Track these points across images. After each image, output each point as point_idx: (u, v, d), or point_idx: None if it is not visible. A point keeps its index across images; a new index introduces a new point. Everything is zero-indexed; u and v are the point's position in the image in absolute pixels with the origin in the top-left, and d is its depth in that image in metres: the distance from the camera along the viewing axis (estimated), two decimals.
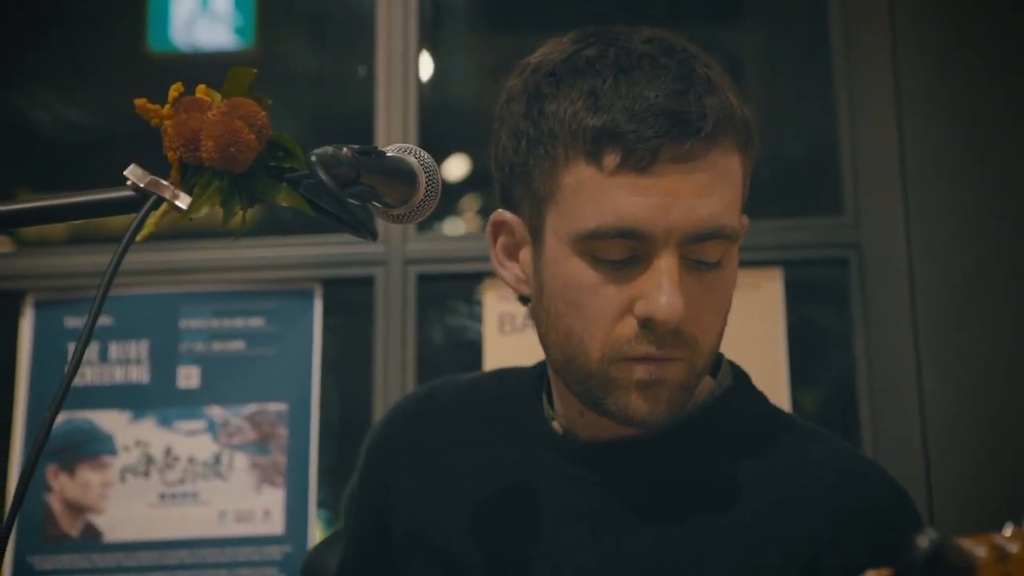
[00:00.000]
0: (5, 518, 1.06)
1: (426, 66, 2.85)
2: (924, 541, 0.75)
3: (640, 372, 1.22)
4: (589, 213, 1.21)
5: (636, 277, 1.21)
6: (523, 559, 1.31)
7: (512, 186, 1.30)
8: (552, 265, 1.26)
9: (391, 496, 1.44)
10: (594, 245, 1.21)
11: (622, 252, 1.21)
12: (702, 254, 1.22)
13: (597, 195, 1.20)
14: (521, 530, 1.32)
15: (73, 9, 3.08)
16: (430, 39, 2.90)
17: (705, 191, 1.20)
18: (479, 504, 1.36)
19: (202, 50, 3.00)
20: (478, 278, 2.63)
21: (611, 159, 1.19)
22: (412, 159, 1.17)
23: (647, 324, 1.20)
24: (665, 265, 1.19)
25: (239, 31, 3.01)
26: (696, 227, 1.20)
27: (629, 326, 1.21)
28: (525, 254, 1.31)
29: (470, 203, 2.96)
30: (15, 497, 1.04)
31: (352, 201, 1.09)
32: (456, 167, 2.95)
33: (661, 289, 1.19)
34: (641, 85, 1.20)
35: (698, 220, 1.19)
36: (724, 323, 1.28)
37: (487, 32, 3.10)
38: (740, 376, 1.38)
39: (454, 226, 2.94)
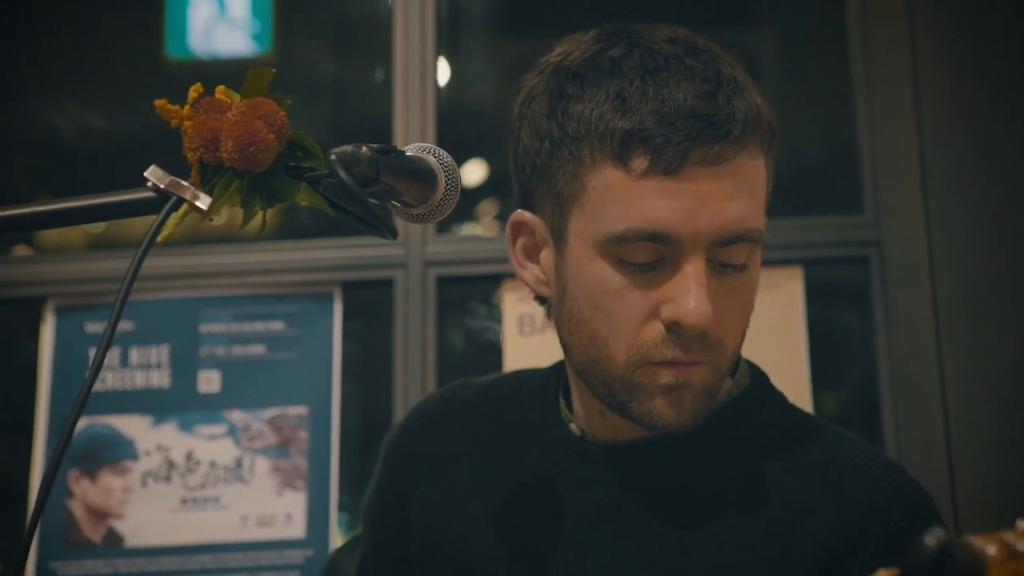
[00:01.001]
0: (27, 523, 1.06)
1: (444, 70, 2.85)
2: (931, 540, 0.74)
3: (666, 376, 1.22)
4: (616, 216, 1.20)
5: (663, 281, 1.20)
6: (541, 561, 1.30)
7: (533, 187, 1.30)
8: (576, 267, 1.25)
9: (409, 500, 1.44)
10: (620, 248, 1.21)
11: (649, 255, 1.21)
12: (729, 257, 1.22)
13: (625, 198, 1.20)
14: (538, 532, 1.32)
15: (92, 18, 3.09)
16: (447, 43, 2.90)
17: (733, 194, 1.20)
18: (496, 506, 1.36)
19: (220, 57, 3.01)
20: (497, 280, 2.63)
21: (640, 162, 1.19)
22: (431, 158, 1.17)
23: (674, 328, 1.20)
24: (693, 269, 1.19)
25: (257, 37, 3.02)
26: (724, 230, 1.19)
27: (655, 330, 1.21)
28: (546, 255, 1.31)
29: (489, 207, 2.96)
30: (37, 503, 1.04)
31: (372, 200, 1.09)
32: (474, 171, 2.94)
33: (689, 293, 1.19)
34: (669, 87, 1.20)
35: (726, 223, 1.19)
36: (746, 324, 1.28)
37: (504, 35, 3.10)
38: (758, 376, 1.37)
39: (473, 230, 2.93)
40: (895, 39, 2.65)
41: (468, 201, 2.88)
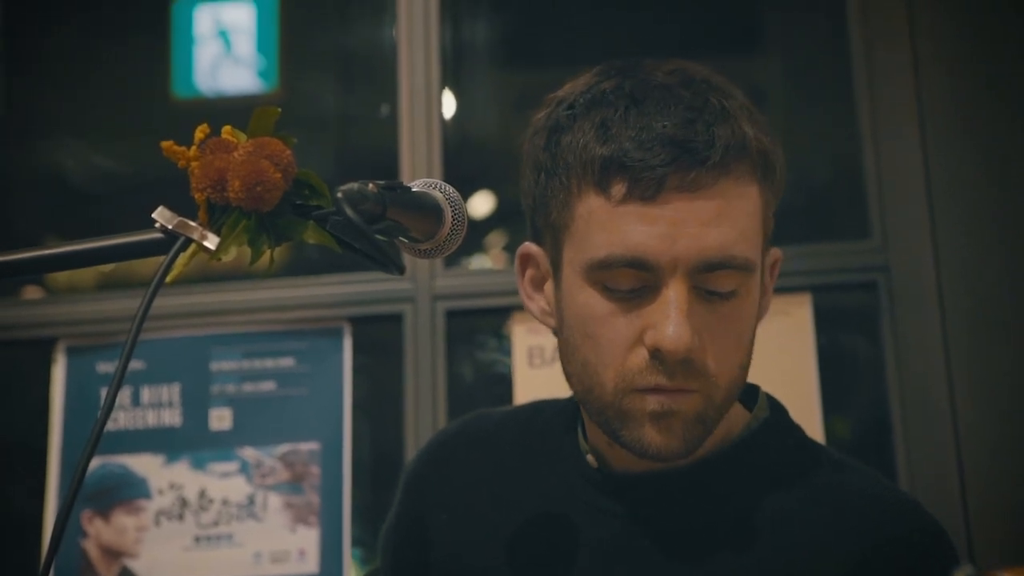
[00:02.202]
0: (42, 563, 1.06)
1: (449, 103, 2.86)
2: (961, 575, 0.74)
3: (652, 403, 1.22)
4: (599, 243, 1.21)
5: (646, 307, 1.21)
6: None
7: (535, 218, 1.31)
8: (568, 296, 1.26)
9: (428, 530, 1.44)
10: (604, 275, 1.22)
11: (632, 282, 1.21)
12: (714, 284, 1.21)
13: (606, 224, 1.21)
14: (555, 563, 1.32)
15: (99, 57, 3.11)
16: (452, 76, 2.91)
17: (713, 220, 1.20)
18: (515, 536, 1.36)
19: (226, 94, 3.02)
20: (506, 312, 2.63)
21: (618, 188, 1.20)
22: (438, 193, 1.18)
23: (656, 355, 1.20)
24: (673, 295, 1.19)
25: (262, 74, 3.03)
26: (703, 256, 1.19)
27: (640, 356, 1.21)
28: (549, 287, 1.32)
29: (496, 239, 2.96)
30: (51, 543, 1.04)
31: (379, 237, 1.09)
32: (481, 204, 2.95)
33: (668, 319, 1.19)
34: (651, 115, 1.21)
35: (705, 249, 1.19)
36: (745, 354, 1.27)
37: (510, 68, 3.11)
38: (777, 409, 1.37)
39: (481, 262, 2.94)
40: (899, 63, 2.65)
41: (476, 233, 2.88)
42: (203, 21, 3.04)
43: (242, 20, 3.03)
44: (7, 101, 2.95)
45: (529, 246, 1.34)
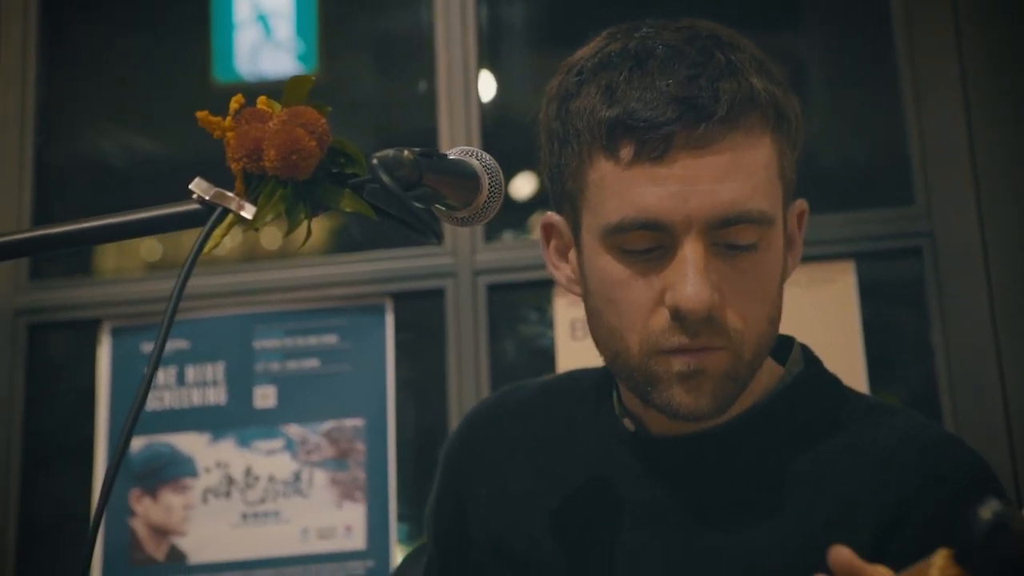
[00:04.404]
0: (88, 540, 1.07)
1: (488, 84, 2.86)
2: (987, 513, 0.73)
3: (678, 364, 1.21)
4: (612, 207, 1.21)
5: (664, 267, 1.20)
6: (600, 558, 1.30)
7: (554, 188, 1.31)
8: (588, 262, 1.26)
9: (469, 504, 1.44)
10: (620, 239, 1.21)
11: (647, 243, 1.20)
12: (733, 238, 1.20)
13: (617, 188, 1.20)
14: (597, 529, 1.31)
15: (140, 44, 3.13)
16: (491, 57, 2.91)
17: (725, 175, 1.19)
18: (555, 505, 1.36)
19: (267, 78, 3.03)
20: (548, 285, 2.63)
21: (627, 151, 1.19)
22: (474, 161, 1.18)
23: (676, 315, 1.19)
24: (690, 253, 1.18)
25: (302, 58, 3.04)
26: (717, 212, 1.18)
27: (662, 317, 1.20)
28: (573, 254, 1.32)
29: (538, 220, 2.95)
30: (94, 520, 1.05)
31: (416, 204, 1.09)
32: (522, 185, 2.95)
33: (686, 279, 1.18)
34: (654, 75, 1.20)
35: (718, 205, 1.18)
36: (772, 307, 1.25)
37: (548, 47, 3.10)
38: (811, 361, 1.36)
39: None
40: (940, 28, 2.63)
41: (518, 214, 2.88)
42: (242, 6, 3.05)
43: (281, 4, 3.04)
44: (49, 89, 2.98)
45: (551, 216, 1.34)
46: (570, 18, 3.04)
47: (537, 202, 2.92)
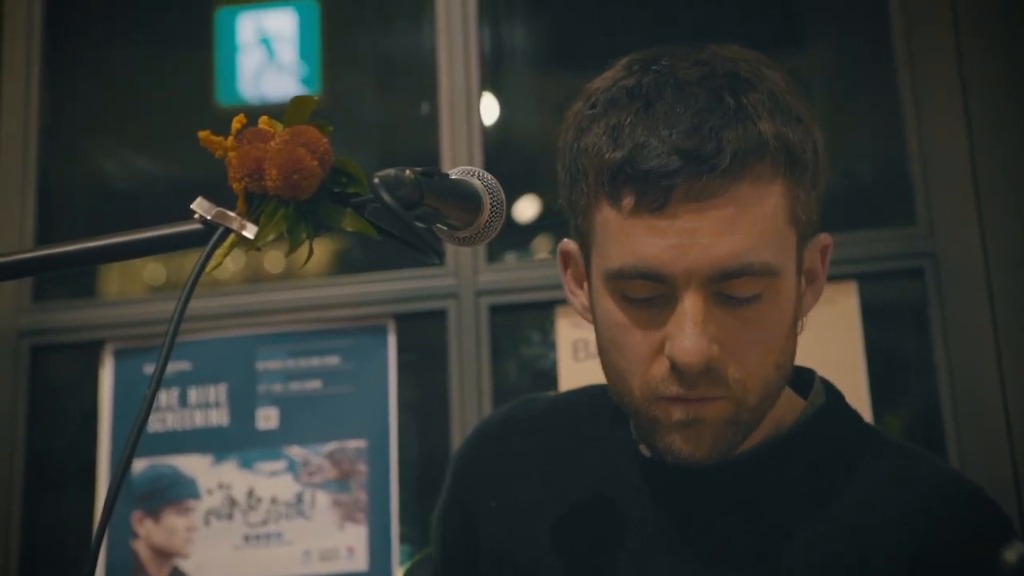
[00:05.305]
0: (88, 562, 1.07)
1: (490, 106, 2.86)
2: (1012, 556, 0.73)
3: (676, 413, 1.20)
4: (614, 253, 1.20)
5: (665, 317, 1.19)
6: None
7: (569, 218, 1.30)
8: (595, 301, 1.26)
9: (477, 517, 1.43)
10: (622, 285, 1.20)
11: (649, 291, 1.19)
12: (734, 290, 1.18)
13: (619, 236, 1.19)
14: (607, 550, 1.31)
15: (142, 67, 3.14)
16: (493, 79, 2.91)
17: (727, 228, 1.16)
18: (565, 522, 1.35)
19: (270, 101, 3.04)
20: (550, 306, 2.63)
21: (628, 200, 1.18)
22: (476, 181, 1.17)
23: (674, 367, 1.18)
24: (689, 306, 1.17)
25: (305, 81, 3.05)
26: (716, 266, 1.16)
27: (663, 366, 1.20)
28: (586, 285, 1.32)
29: (542, 243, 2.96)
30: (95, 541, 1.05)
31: (417, 224, 1.09)
32: (525, 208, 2.95)
33: (684, 332, 1.16)
34: (659, 121, 1.17)
35: (717, 259, 1.16)
36: (779, 354, 1.23)
37: (551, 70, 3.11)
38: (833, 395, 1.34)
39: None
40: (942, 47, 2.63)
41: (521, 237, 2.88)
42: (246, 29, 3.06)
43: (284, 27, 3.05)
44: (53, 109, 2.98)
45: (568, 243, 1.34)
46: (573, 41, 3.04)
47: (539, 224, 2.92)
